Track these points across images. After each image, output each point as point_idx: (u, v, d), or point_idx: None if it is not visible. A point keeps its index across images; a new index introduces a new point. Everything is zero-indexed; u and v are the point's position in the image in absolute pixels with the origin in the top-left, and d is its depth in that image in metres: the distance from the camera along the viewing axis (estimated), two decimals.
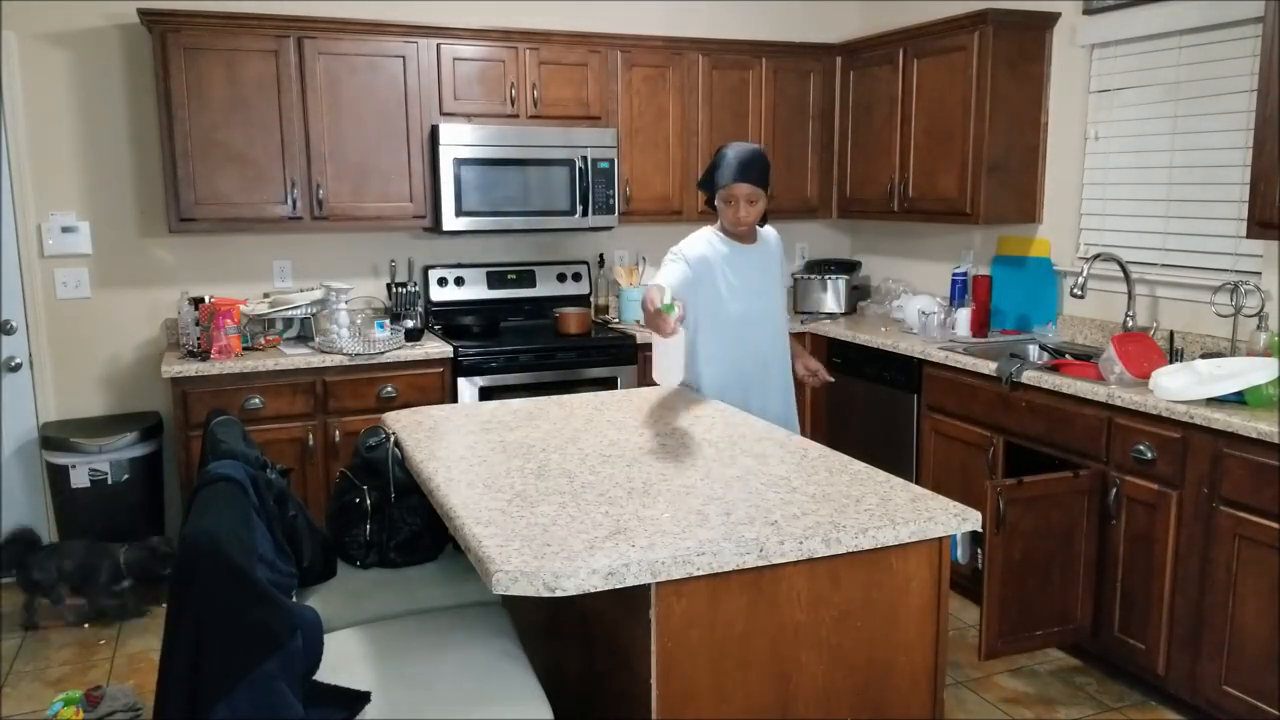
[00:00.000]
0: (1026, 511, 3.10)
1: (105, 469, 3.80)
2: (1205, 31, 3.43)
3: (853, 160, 4.83)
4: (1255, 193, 2.91)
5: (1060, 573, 3.17)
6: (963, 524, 1.96)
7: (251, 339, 3.99)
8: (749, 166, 2.96)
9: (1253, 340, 3.17)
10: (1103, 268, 3.75)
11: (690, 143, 4.63)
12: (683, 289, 2.94)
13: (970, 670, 3.30)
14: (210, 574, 1.64)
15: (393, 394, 3.94)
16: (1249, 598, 2.73)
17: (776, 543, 1.80)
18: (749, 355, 3.09)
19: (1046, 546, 3.14)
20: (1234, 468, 2.73)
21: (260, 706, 1.62)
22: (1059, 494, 3.14)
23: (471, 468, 2.28)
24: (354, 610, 2.32)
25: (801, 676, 1.89)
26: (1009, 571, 3.10)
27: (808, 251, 5.31)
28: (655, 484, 2.14)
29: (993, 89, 3.97)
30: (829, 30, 5.08)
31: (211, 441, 2.27)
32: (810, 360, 3.44)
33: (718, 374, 3.07)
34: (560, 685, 2.29)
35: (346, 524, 2.52)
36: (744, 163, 2.95)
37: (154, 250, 4.17)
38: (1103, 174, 3.89)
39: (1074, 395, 3.20)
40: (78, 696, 2.95)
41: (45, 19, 3.92)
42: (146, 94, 4.05)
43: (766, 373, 3.13)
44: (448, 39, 4.15)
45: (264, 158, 3.95)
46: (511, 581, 1.67)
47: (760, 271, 3.12)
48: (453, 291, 4.51)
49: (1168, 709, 3.05)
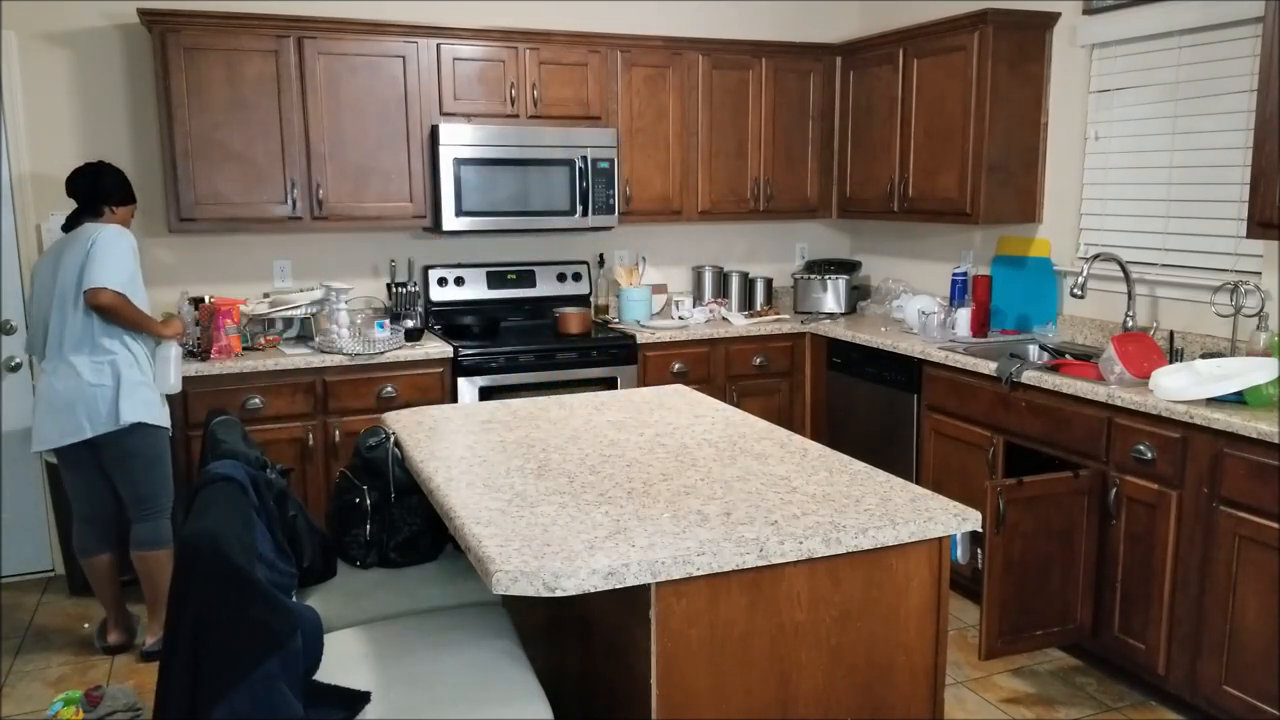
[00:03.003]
0: (1026, 511, 3.10)
1: None
2: (1205, 31, 3.43)
3: (853, 160, 4.83)
4: (1255, 193, 2.91)
5: (1060, 573, 3.17)
6: (962, 524, 1.96)
7: (251, 339, 3.99)
8: None
9: (1253, 340, 3.17)
10: (1103, 268, 3.75)
11: (690, 143, 4.63)
12: None
13: (970, 670, 3.30)
14: (210, 574, 1.64)
15: (393, 394, 3.94)
16: (1249, 598, 2.73)
17: (776, 543, 1.80)
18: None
19: (1046, 546, 3.14)
20: (1234, 468, 2.73)
21: (260, 706, 1.62)
22: (1059, 494, 3.14)
23: (471, 468, 2.29)
24: (354, 610, 2.32)
25: (801, 676, 1.89)
26: (1009, 571, 3.10)
27: (808, 251, 5.31)
28: (655, 484, 2.14)
29: (993, 89, 3.97)
30: (829, 30, 5.08)
31: (211, 441, 2.27)
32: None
33: None
34: (560, 685, 2.29)
35: (346, 524, 2.52)
36: None
37: (154, 250, 4.16)
38: (1103, 174, 3.89)
39: (1074, 395, 3.20)
40: (78, 696, 2.95)
41: (45, 19, 3.92)
42: (146, 94, 4.05)
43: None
44: (448, 39, 4.15)
45: (264, 157, 3.95)
46: (511, 581, 1.67)
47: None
48: (453, 291, 4.51)
49: (1168, 709, 3.05)
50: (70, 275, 3.16)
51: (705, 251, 5.11)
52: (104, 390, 3.15)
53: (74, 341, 3.17)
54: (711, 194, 4.70)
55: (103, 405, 3.14)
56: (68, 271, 3.17)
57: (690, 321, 4.62)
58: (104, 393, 3.14)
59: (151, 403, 3.23)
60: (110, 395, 3.15)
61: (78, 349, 3.17)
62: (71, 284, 3.16)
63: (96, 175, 3.30)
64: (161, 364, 3.30)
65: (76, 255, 3.16)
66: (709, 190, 4.70)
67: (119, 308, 3.12)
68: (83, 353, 3.17)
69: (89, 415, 3.13)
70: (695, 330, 4.47)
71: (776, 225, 5.23)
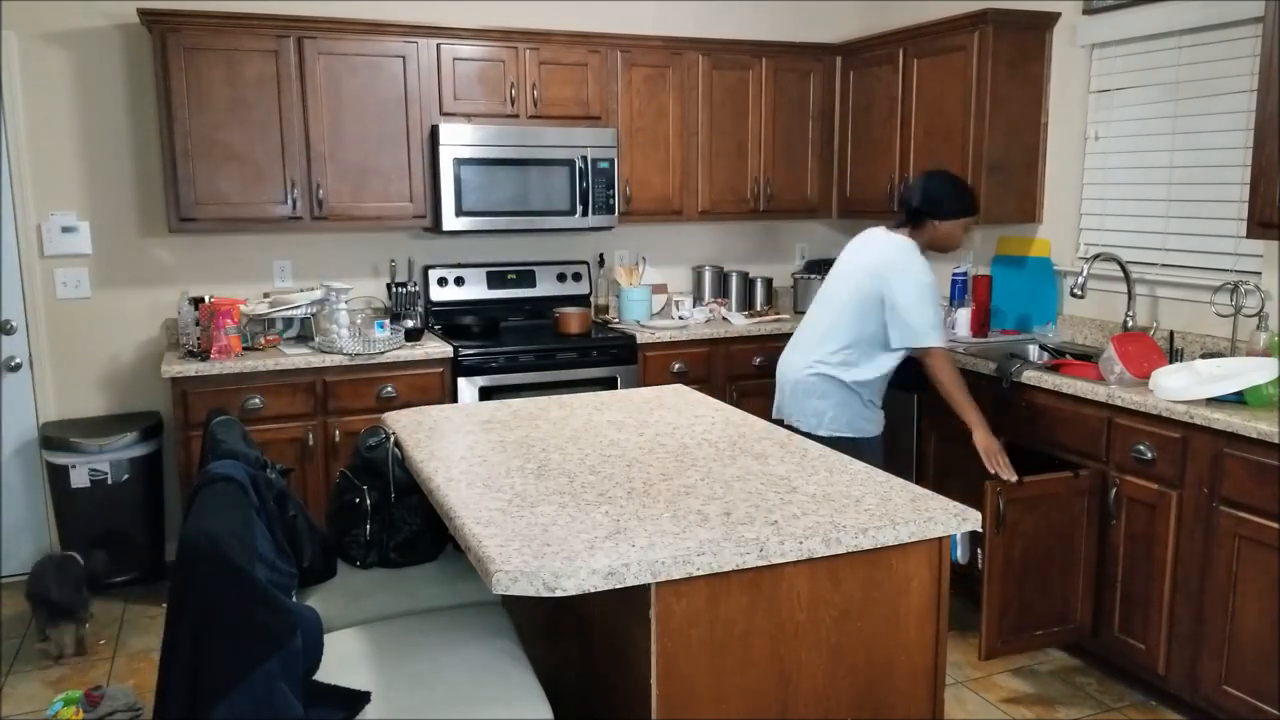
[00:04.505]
0: (1026, 511, 3.10)
1: (105, 469, 3.80)
2: (1205, 31, 3.43)
3: (853, 160, 4.83)
4: (1255, 193, 2.91)
5: (1060, 573, 3.17)
6: (963, 524, 1.96)
7: (251, 339, 3.98)
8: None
9: (1253, 340, 3.17)
10: (1103, 268, 3.75)
11: (690, 143, 4.63)
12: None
13: (970, 670, 3.30)
14: (210, 574, 1.64)
15: (393, 394, 3.94)
16: (1249, 597, 2.73)
17: (776, 543, 1.80)
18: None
19: (1046, 546, 3.15)
20: (1234, 468, 2.73)
21: (260, 707, 1.62)
22: (1059, 494, 3.14)
23: (471, 467, 2.29)
24: (354, 610, 2.32)
25: (801, 676, 1.89)
26: (1009, 571, 3.10)
27: (808, 251, 5.31)
28: (655, 484, 2.14)
29: (993, 89, 3.96)
30: (829, 30, 5.08)
31: (211, 441, 2.27)
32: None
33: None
34: (560, 685, 2.29)
35: (346, 524, 2.52)
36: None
37: (154, 250, 4.17)
38: (1103, 174, 3.89)
39: (1074, 395, 3.20)
40: (78, 696, 2.95)
41: (45, 19, 3.92)
42: (146, 94, 4.05)
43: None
44: (448, 39, 4.15)
45: (264, 158, 3.95)
46: (511, 581, 1.67)
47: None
48: (453, 291, 4.51)
49: (1168, 709, 3.05)
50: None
51: (705, 251, 5.11)
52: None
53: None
54: (711, 194, 4.70)
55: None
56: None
57: (690, 321, 4.62)
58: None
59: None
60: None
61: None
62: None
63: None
64: None
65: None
66: (709, 190, 4.70)
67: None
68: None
69: None
70: (695, 330, 4.47)
71: (776, 225, 5.22)
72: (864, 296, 3.19)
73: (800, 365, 3.31)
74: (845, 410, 3.24)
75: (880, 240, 3.29)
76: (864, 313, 3.20)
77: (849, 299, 3.23)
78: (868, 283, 3.19)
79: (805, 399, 3.28)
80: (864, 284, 3.20)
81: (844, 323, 3.24)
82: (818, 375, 3.25)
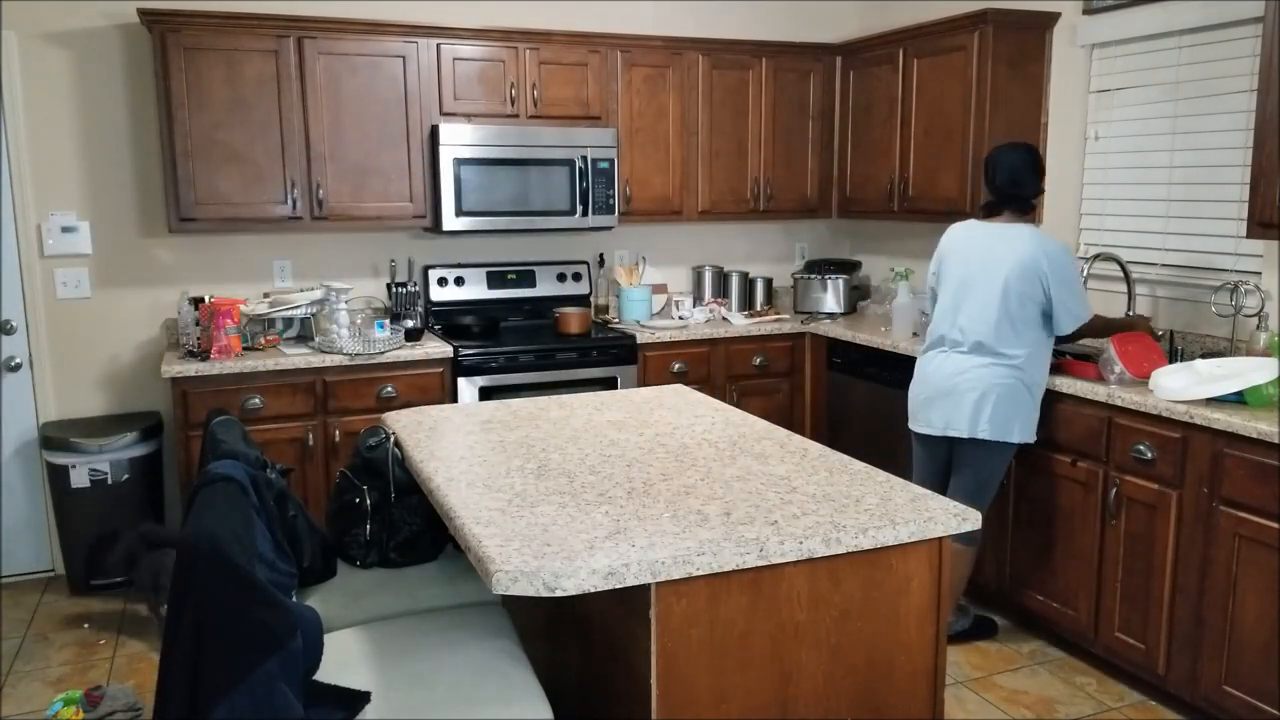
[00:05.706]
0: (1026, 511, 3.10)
1: (105, 469, 3.80)
2: (1205, 31, 3.43)
3: (852, 160, 4.83)
4: (1255, 193, 2.91)
5: (1060, 573, 3.17)
6: (962, 524, 1.96)
7: (251, 339, 3.99)
8: None
9: (1253, 340, 3.17)
10: (1103, 267, 3.75)
11: (690, 143, 4.63)
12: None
13: (970, 670, 3.30)
14: (210, 574, 1.64)
15: (393, 394, 3.94)
16: (1249, 598, 2.73)
17: (776, 543, 1.80)
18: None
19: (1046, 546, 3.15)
20: (1234, 468, 2.73)
21: (260, 707, 1.62)
22: (1059, 493, 3.14)
23: (471, 468, 2.29)
24: (354, 610, 2.32)
25: (801, 676, 1.89)
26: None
27: (807, 251, 5.31)
28: (655, 484, 2.14)
29: (993, 89, 3.97)
30: (829, 30, 5.08)
31: (211, 441, 2.27)
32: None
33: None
34: (560, 685, 2.29)
35: (346, 524, 2.52)
36: None
37: (154, 250, 4.17)
38: (1103, 174, 3.89)
39: (1074, 395, 3.20)
40: (78, 696, 2.95)
41: (45, 19, 3.92)
42: (146, 94, 4.05)
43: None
44: (448, 39, 4.15)
45: (264, 158, 3.95)
46: (511, 581, 1.67)
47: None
48: (453, 291, 4.51)
49: (1168, 709, 3.05)
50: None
51: (705, 251, 5.11)
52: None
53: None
54: (711, 194, 4.70)
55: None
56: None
57: (690, 321, 4.62)
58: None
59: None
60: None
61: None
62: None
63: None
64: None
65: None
66: (709, 190, 4.70)
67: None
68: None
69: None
70: (695, 330, 4.47)
71: (776, 225, 5.23)
72: (1024, 300, 3.11)
73: (988, 375, 3.16)
74: (1031, 413, 3.20)
75: (1012, 237, 3.18)
76: (1030, 319, 3.14)
77: (1017, 305, 3.12)
78: (1029, 287, 3.10)
79: (997, 406, 3.14)
80: (1026, 289, 3.10)
81: (1018, 330, 3.14)
82: (1014, 381, 3.15)
